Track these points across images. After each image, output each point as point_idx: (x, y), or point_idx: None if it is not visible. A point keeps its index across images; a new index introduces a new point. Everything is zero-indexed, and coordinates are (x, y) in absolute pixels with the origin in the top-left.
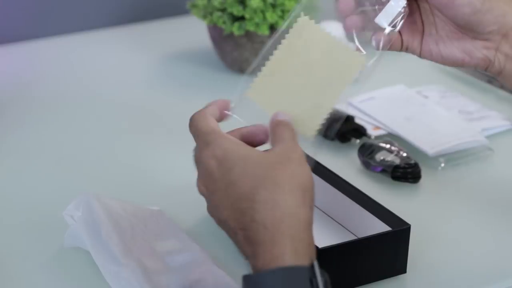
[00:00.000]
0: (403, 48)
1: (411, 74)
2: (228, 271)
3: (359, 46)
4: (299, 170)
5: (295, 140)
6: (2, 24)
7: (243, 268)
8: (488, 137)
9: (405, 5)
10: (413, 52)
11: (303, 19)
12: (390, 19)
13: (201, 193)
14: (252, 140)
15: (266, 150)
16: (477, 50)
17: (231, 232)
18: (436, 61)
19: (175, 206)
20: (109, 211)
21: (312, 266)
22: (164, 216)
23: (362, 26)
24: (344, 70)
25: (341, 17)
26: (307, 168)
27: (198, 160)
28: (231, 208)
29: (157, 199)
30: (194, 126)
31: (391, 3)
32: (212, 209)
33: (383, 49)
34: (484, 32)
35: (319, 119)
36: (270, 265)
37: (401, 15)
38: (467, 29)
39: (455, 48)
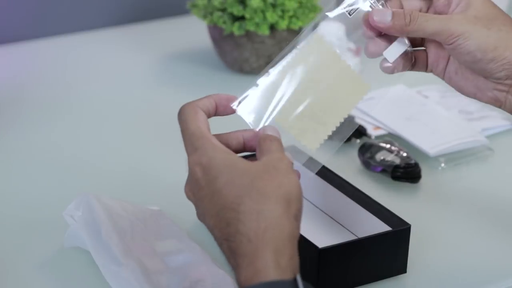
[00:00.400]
0: (427, 70)
1: (411, 74)
2: (228, 271)
3: (356, 46)
4: (285, 180)
5: (282, 152)
6: (2, 24)
7: None
8: (488, 137)
9: (410, 46)
10: (437, 76)
11: (317, 36)
12: (396, 57)
13: (188, 198)
14: (253, 144)
15: (252, 158)
16: (488, 89)
17: (217, 242)
18: (455, 89)
19: (175, 206)
20: (109, 211)
21: (295, 280)
22: (164, 216)
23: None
24: (349, 94)
25: (367, 37)
26: (294, 178)
27: (188, 163)
28: (216, 218)
29: (157, 199)
30: (183, 121)
31: (396, 42)
32: (200, 216)
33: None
34: (492, 77)
35: (323, 135)
36: (253, 280)
37: (409, 52)
38: (475, 72)
39: (469, 82)
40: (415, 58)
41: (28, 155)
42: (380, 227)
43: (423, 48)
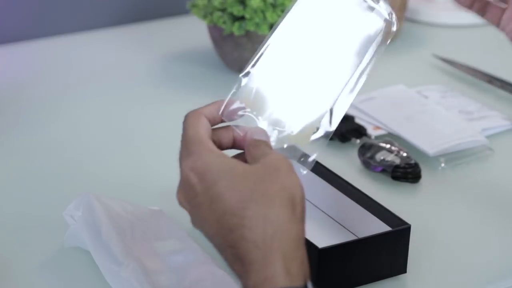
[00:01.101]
0: (500, 27)
1: (411, 74)
2: (228, 271)
3: None
4: (288, 181)
5: (277, 152)
6: (2, 24)
7: None
8: (488, 137)
9: None
10: (506, 35)
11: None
12: None
13: (181, 205)
14: (243, 144)
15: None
16: None
17: (219, 248)
18: None
19: (175, 206)
20: (109, 211)
21: (305, 287)
22: (164, 216)
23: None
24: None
25: None
26: (296, 178)
27: (180, 168)
28: (217, 225)
29: (157, 199)
30: (184, 127)
31: None
32: (197, 224)
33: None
34: None
35: (310, 130)
36: (263, 287)
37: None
38: None
39: None
40: (488, 10)
41: (28, 155)
42: (380, 227)
43: (504, 5)
